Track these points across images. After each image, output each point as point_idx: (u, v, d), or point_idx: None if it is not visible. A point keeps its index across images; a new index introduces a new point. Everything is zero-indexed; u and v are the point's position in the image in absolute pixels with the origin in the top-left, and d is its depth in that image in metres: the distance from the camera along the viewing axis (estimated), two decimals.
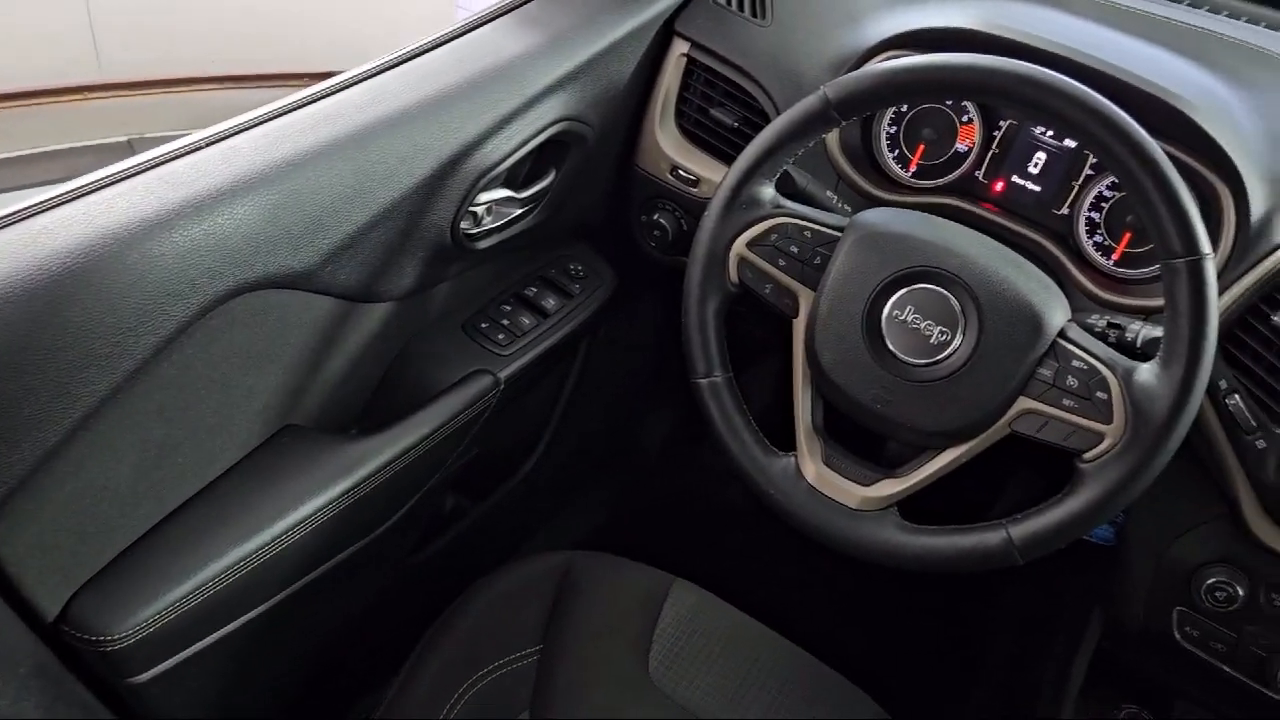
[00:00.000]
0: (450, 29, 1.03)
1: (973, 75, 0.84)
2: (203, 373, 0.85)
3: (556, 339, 1.18)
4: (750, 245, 0.91)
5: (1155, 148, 0.79)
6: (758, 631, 1.08)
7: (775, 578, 1.63)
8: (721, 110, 1.13)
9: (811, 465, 0.91)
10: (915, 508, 0.90)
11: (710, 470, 1.71)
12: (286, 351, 0.94)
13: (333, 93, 0.93)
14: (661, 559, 1.14)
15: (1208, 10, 1.13)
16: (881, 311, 0.88)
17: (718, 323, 0.94)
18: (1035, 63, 0.83)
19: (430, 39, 1.01)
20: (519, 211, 1.09)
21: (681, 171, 1.16)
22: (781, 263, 0.91)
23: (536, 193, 1.09)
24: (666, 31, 1.15)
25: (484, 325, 1.14)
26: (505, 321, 1.15)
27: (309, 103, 0.91)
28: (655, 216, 1.21)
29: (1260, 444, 0.91)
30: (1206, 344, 0.78)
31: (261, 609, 0.95)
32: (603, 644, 1.04)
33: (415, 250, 0.99)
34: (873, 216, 0.90)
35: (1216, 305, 0.79)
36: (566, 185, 1.13)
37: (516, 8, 1.08)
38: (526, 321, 1.16)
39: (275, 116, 0.89)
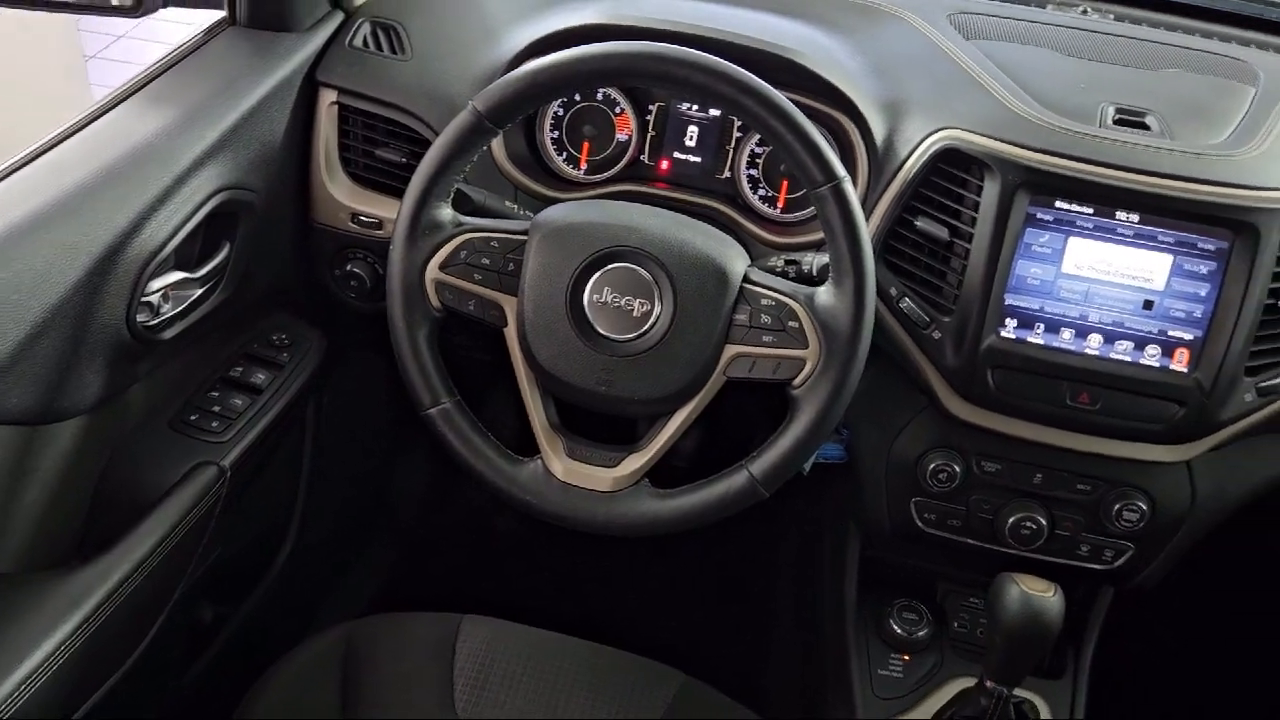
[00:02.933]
0: (75, 120, 0.97)
1: (609, 61, 0.89)
2: None
3: (276, 413, 1.13)
4: (443, 268, 0.92)
5: (778, 95, 0.88)
6: (556, 642, 1.09)
7: (567, 584, 1.65)
8: (386, 149, 1.14)
9: (558, 462, 0.93)
10: (684, 480, 0.94)
11: (478, 499, 1.70)
12: None
13: None
14: (453, 600, 1.12)
15: None
16: (582, 299, 0.91)
17: (432, 351, 0.94)
18: (662, 42, 0.89)
19: (54, 134, 0.95)
20: (200, 292, 1.04)
21: (362, 217, 1.15)
22: (477, 277, 0.92)
23: (213, 269, 1.05)
24: (311, 84, 1.14)
25: (193, 417, 1.08)
26: (216, 408, 1.10)
27: None
28: (349, 267, 1.20)
29: (936, 335, 1.02)
30: (865, 255, 0.87)
31: None
32: (404, 702, 1.02)
33: (92, 355, 0.92)
34: (552, 213, 0.94)
35: (864, 219, 0.88)
36: (245, 256, 1.09)
37: (143, 87, 1.04)
38: (239, 403, 1.11)
39: None
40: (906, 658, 1.21)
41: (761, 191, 1.14)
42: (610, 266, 0.91)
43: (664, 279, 0.90)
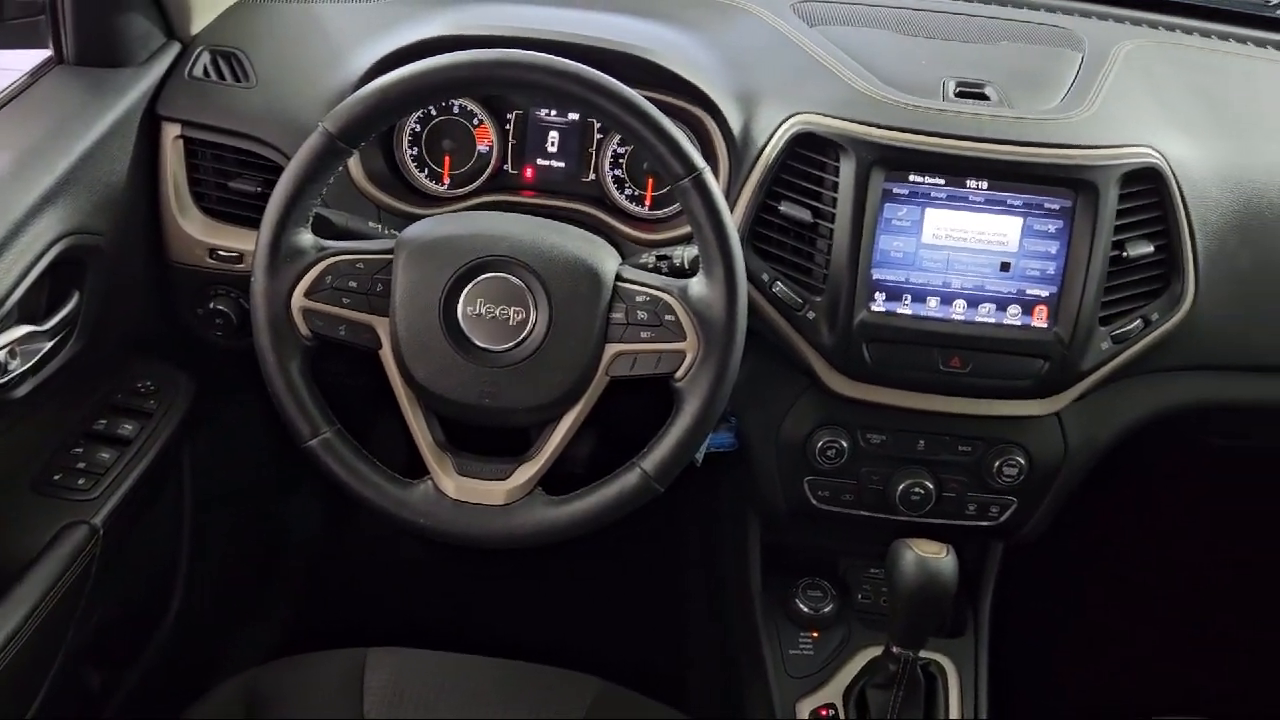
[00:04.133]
0: None
1: (458, 71, 0.88)
2: None
3: (147, 463, 1.09)
4: (309, 295, 0.90)
5: (631, 92, 0.88)
6: (468, 664, 1.08)
7: (475, 604, 1.63)
8: (239, 180, 1.10)
9: (449, 480, 0.92)
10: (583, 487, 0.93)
11: (376, 529, 1.67)
12: None
13: None
14: (360, 635, 1.10)
15: None
16: (456, 312, 0.90)
17: (307, 381, 0.91)
18: (512, 48, 0.89)
19: None
20: (50, 345, 0.99)
21: (221, 252, 1.12)
22: (346, 301, 0.90)
23: (63, 320, 0.99)
24: (152, 119, 1.09)
25: (57, 476, 1.03)
26: (81, 464, 1.04)
27: None
28: (212, 305, 1.15)
29: (810, 315, 1.04)
30: (732, 242, 0.89)
31: None
32: None
33: None
34: (417, 229, 0.93)
35: (727, 208, 0.89)
36: (97, 303, 1.04)
37: None
38: (106, 456, 1.06)
39: None
40: (815, 635, 1.23)
41: (628, 191, 1.15)
42: (481, 277, 0.90)
43: (537, 285, 0.90)
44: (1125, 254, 1.02)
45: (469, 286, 0.90)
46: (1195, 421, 1.19)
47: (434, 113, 1.14)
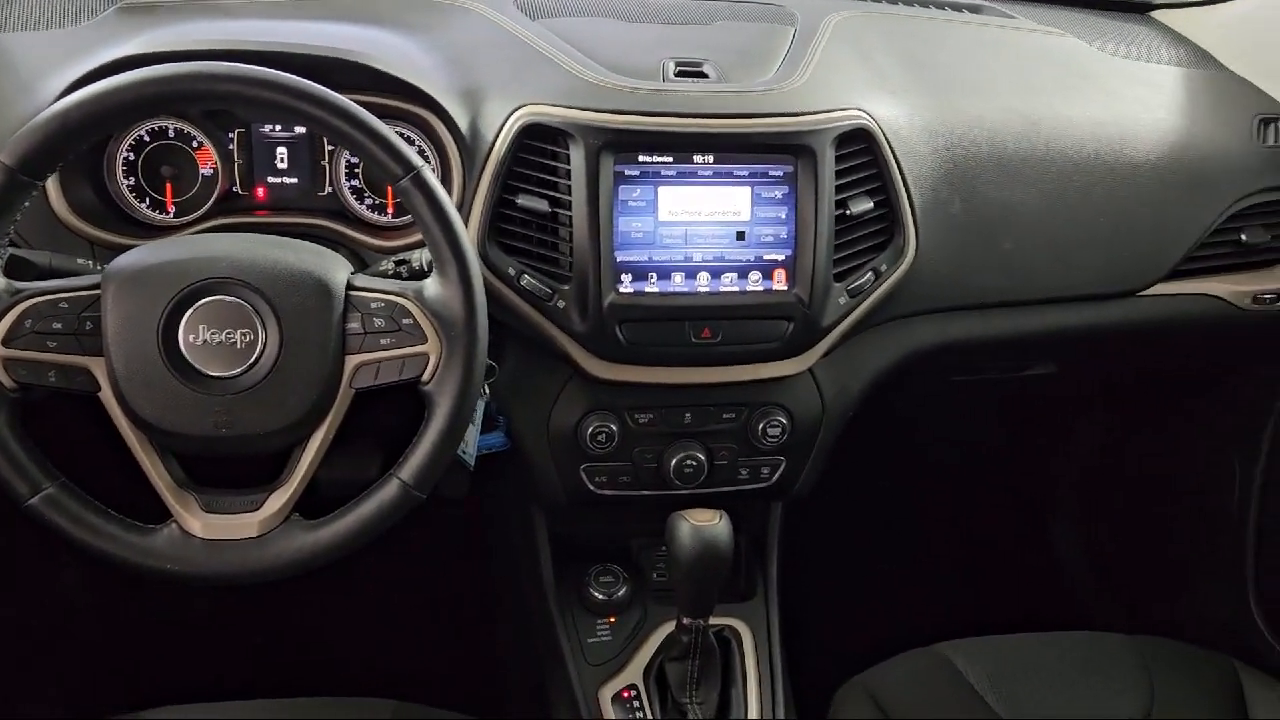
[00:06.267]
0: None
1: (146, 87, 0.84)
2: None
3: None
4: (7, 343, 0.83)
5: (335, 96, 0.86)
6: (249, 709, 1.04)
7: (267, 645, 1.56)
8: None
9: (194, 520, 0.87)
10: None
11: (152, 584, 1.57)
12: None
13: None
14: (145, 697, 1.03)
15: None
16: (178, 342, 0.85)
17: (17, 435, 0.85)
18: (215, 61, 0.85)
19: None
20: None
21: None
22: (51, 344, 0.84)
23: None
24: None
25: None
26: None
27: None
28: None
29: (560, 304, 1.05)
30: (460, 237, 0.88)
31: None
32: None
33: None
34: (126, 259, 0.87)
35: (451, 202, 0.88)
36: None
37: None
38: None
39: None
40: (612, 620, 1.24)
41: (369, 200, 1.12)
42: (201, 302, 0.86)
43: (262, 304, 0.86)
44: (849, 212, 1.07)
45: (189, 313, 0.85)
46: (935, 362, 1.26)
47: (147, 138, 1.07)
